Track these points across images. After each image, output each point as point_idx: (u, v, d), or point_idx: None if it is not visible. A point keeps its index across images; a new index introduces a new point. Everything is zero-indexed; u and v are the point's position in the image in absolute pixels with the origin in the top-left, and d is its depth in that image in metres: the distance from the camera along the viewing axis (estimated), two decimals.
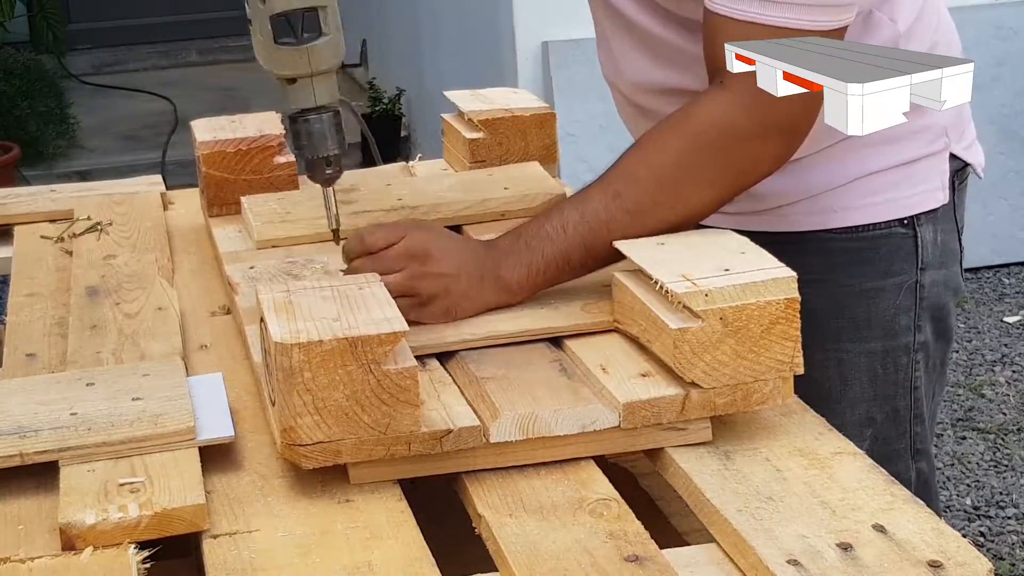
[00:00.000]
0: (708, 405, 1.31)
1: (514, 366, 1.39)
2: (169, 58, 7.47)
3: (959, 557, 1.12)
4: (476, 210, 1.84)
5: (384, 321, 1.26)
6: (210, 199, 1.92)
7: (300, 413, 1.23)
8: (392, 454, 1.26)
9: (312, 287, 1.34)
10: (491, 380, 1.36)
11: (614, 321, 1.44)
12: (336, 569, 1.16)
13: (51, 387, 1.39)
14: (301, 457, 1.25)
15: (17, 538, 1.21)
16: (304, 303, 1.30)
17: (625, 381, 1.33)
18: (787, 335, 1.31)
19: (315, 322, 1.26)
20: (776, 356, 1.31)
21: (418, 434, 1.26)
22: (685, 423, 1.31)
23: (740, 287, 1.30)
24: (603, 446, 1.31)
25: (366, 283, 1.35)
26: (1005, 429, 3.76)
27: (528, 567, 1.14)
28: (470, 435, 1.28)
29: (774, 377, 1.31)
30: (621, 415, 1.30)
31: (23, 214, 2.04)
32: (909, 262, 1.71)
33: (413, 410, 1.25)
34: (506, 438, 1.28)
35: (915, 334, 1.72)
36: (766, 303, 1.30)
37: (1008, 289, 4.64)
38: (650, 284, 1.37)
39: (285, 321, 1.26)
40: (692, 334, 1.29)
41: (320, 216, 1.83)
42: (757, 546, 1.14)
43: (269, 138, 1.93)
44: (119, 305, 1.66)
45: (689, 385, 1.31)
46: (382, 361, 1.24)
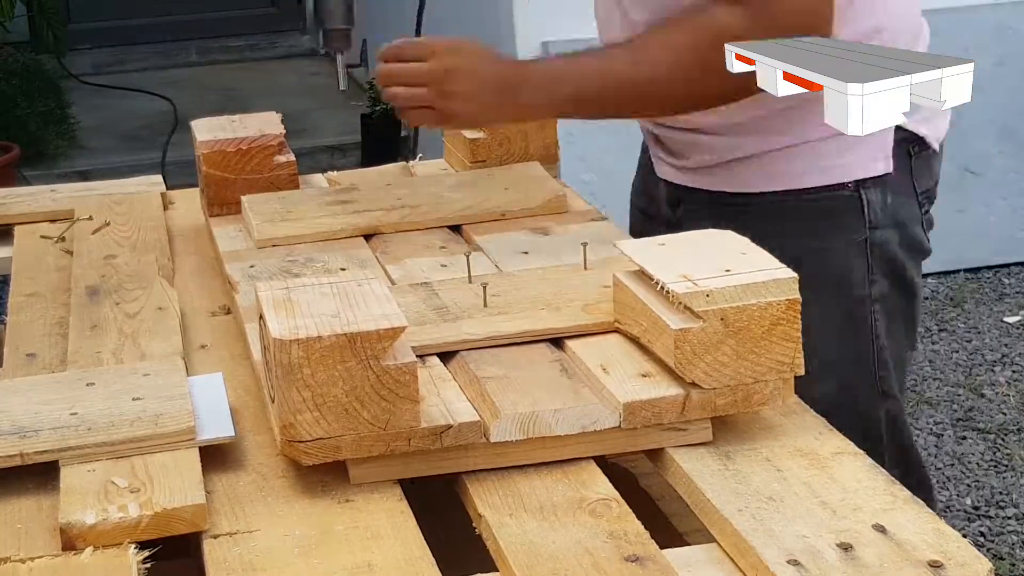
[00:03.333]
0: (709, 406, 1.31)
1: (515, 366, 1.39)
2: (169, 58, 7.46)
3: (959, 557, 1.12)
4: (477, 210, 1.84)
5: (383, 317, 1.26)
6: (210, 199, 1.92)
7: (299, 409, 1.23)
8: (392, 450, 1.26)
9: (311, 284, 1.34)
10: (491, 380, 1.36)
11: (615, 322, 1.44)
12: (336, 569, 1.16)
13: (51, 387, 1.40)
14: (301, 454, 1.25)
15: (17, 538, 1.21)
16: (303, 299, 1.30)
17: (625, 381, 1.33)
18: (788, 336, 1.31)
19: (314, 318, 1.25)
20: (777, 357, 1.31)
21: (418, 430, 1.26)
22: (686, 424, 1.31)
23: (741, 288, 1.30)
24: (603, 446, 1.31)
25: (365, 280, 1.35)
26: (1005, 429, 3.76)
27: (528, 567, 1.14)
28: (470, 431, 1.28)
29: (775, 378, 1.31)
30: (621, 415, 1.30)
31: (23, 214, 2.04)
32: (857, 221, 1.81)
33: (413, 406, 1.25)
34: (506, 438, 1.28)
35: (869, 287, 1.82)
36: (767, 304, 1.30)
37: (1008, 289, 4.64)
38: (651, 284, 1.37)
39: (284, 317, 1.26)
40: (693, 334, 1.29)
41: (321, 215, 1.83)
42: (757, 546, 1.14)
43: (269, 138, 1.93)
44: (119, 305, 1.67)
45: (690, 386, 1.30)
46: (381, 357, 1.23)
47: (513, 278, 1.59)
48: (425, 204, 1.86)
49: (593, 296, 1.50)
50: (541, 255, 1.71)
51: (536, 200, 1.87)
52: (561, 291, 1.53)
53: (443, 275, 1.64)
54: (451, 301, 1.52)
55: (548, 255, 1.70)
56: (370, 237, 1.81)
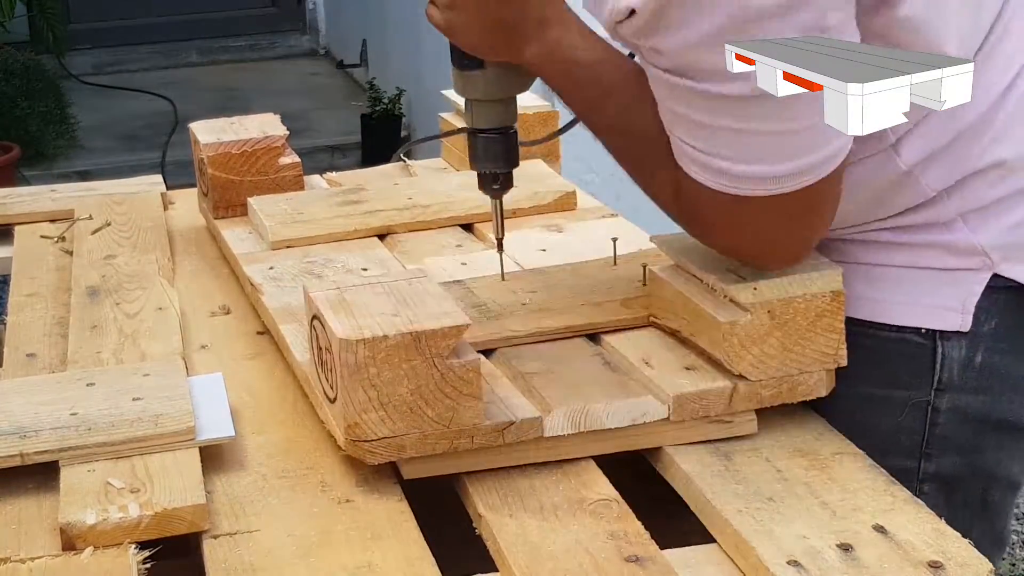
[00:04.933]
0: (755, 397, 1.32)
1: (557, 361, 1.39)
2: (169, 58, 7.47)
3: (959, 557, 1.12)
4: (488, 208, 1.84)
5: (445, 315, 1.25)
6: (215, 201, 1.91)
7: (365, 409, 1.23)
8: (456, 447, 1.26)
9: (363, 283, 1.34)
10: (536, 375, 1.36)
11: (650, 316, 1.45)
12: (336, 569, 1.16)
13: (51, 387, 1.39)
14: (366, 453, 1.24)
15: (17, 538, 1.21)
16: (359, 300, 1.29)
17: (671, 374, 1.34)
18: (832, 327, 1.32)
19: (375, 318, 1.25)
20: (821, 348, 1.32)
21: (481, 427, 1.26)
22: (731, 416, 1.32)
23: (787, 280, 1.31)
24: (651, 439, 1.32)
25: (415, 279, 1.35)
26: None
27: (528, 567, 1.14)
28: (530, 427, 1.28)
29: (818, 369, 1.32)
30: (671, 408, 1.30)
31: (23, 214, 2.04)
32: (923, 378, 1.39)
33: (476, 403, 1.25)
34: (558, 432, 1.28)
35: (921, 461, 1.41)
36: (812, 296, 1.31)
37: None
38: (692, 278, 1.38)
39: (345, 318, 1.26)
40: (741, 327, 1.30)
41: (333, 216, 1.83)
42: (757, 547, 1.14)
43: (274, 139, 1.93)
44: (119, 305, 1.67)
45: (736, 378, 1.31)
46: (445, 355, 1.23)
47: (546, 275, 1.59)
48: (435, 203, 1.87)
49: (627, 291, 1.51)
50: (560, 252, 1.71)
51: (547, 197, 1.87)
52: (595, 286, 1.53)
53: (465, 273, 1.64)
54: (488, 299, 1.52)
55: (567, 252, 1.70)
56: (383, 237, 1.81)
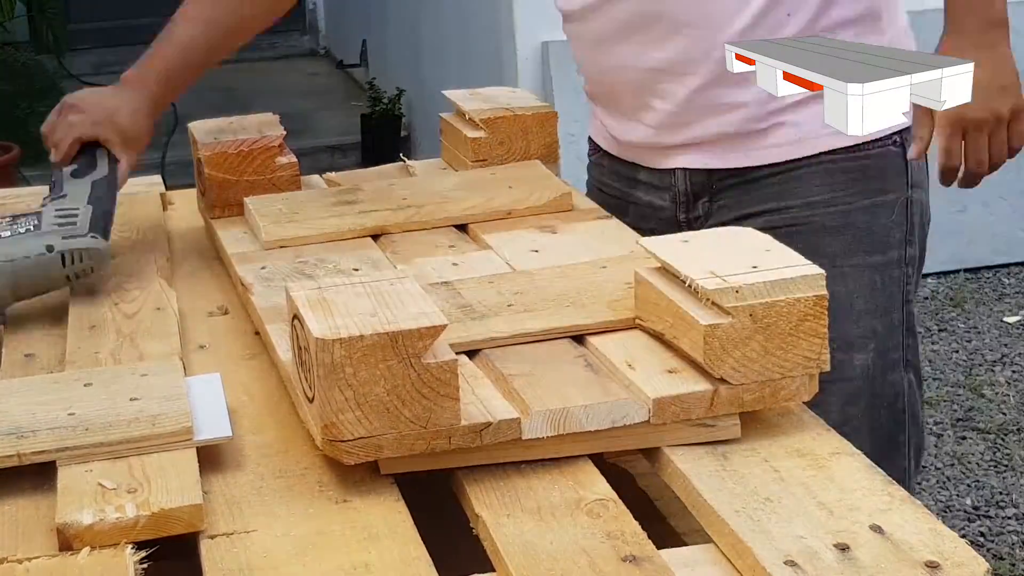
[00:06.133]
0: (736, 401, 1.31)
1: (539, 362, 1.39)
2: None
3: (956, 557, 1.12)
4: (482, 209, 1.84)
5: (422, 315, 1.25)
6: (212, 201, 1.91)
7: (342, 409, 1.23)
8: (432, 448, 1.26)
9: (344, 283, 1.34)
10: (518, 377, 1.36)
11: (636, 318, 1.45)
12: (333, 569, 1.16)
13: (49, 387, 1.39)
14: (342, 453, 1.24)
15: (14, 538, 1.21)
16: (339, 299, 1.29)
17: (653, 377, 1.34)
18: (815, 332, 1.31)
19: (353, 318, 1.25)
20: (804, 353, 1.31)
21: (458, 427, 1.26)
22: (714, 419, 1.32)
23: (769, 284, 1.30)
24: (632, 441, 1.31)
25: (397, 280, 1.35)
26: (1005, 429, 3.76)
27: (525, 567, 1.14)
28: (509, 428, 1.28)
29: (801, 374, 1.32)
30: (651, 410, 1.30)
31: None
32: (901, 179, 1.87)
33: (453, 404, 1.25)
34: (537, 434, 1.28)
35: (906, 248, 1.86)
36: (795, 300, 1.30)
37: (1008, 289, 4.65)
38: (676, 281, 1.38)
39: (323, 317, 1.26)
40: (722, 330, 1.29)
41: (327, 216, 1.83)
42: (754, 547, 1.14)
43: (271, 139, 1.93)
44: (118, 305, 1.66)
45: (718, 381, 1.31)
46: (422, 355, 1.23)
47: (534, 276, 1.59)
48: (430, 204, 1.86)
49: (615, 293, 1.50)
50: (552, 253, 1.71)
51: (542, 198, 1.87)
52: (583, 288, 1.53)
53: (456, 274, 1.64)
54: (475, 300, 1.52)
55: (559, 253, 1.70)
56: (377, 237, 1.81)
